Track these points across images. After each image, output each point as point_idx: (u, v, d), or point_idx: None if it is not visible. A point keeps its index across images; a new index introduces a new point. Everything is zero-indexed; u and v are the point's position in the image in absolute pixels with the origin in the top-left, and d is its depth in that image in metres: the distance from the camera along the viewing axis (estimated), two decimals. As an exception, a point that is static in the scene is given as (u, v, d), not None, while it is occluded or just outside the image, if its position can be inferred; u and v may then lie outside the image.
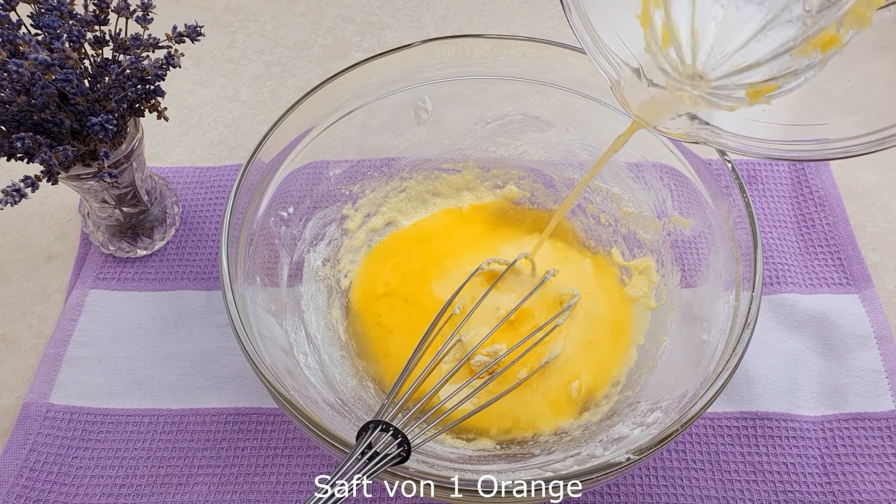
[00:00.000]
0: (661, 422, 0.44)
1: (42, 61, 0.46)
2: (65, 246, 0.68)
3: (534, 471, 0.46)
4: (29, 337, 0.62)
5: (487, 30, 0.85)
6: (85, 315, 0.62)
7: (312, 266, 0.59)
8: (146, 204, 0.63)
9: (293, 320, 0.54)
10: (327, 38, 0.86)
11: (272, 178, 0.53)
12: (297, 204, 0.57)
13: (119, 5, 0.53)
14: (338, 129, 0.57)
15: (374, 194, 0.64)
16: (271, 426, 0.56)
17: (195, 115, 0.78)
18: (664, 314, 0.56)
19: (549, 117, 0.61)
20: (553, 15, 0.87)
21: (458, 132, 0.64)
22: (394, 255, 0.63)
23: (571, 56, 0.56)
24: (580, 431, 0.51)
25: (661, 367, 0.52)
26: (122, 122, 0.55)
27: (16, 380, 0.59)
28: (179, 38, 0.53)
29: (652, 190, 0.58)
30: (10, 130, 0.50)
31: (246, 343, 0.42)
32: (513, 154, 0.65)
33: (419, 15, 0.88)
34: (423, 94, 0.59)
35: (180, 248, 0.66)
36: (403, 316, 0.59)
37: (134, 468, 0.54)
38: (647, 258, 0.60)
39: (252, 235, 0.51)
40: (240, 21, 0.88)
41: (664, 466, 0.54)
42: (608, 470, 0.38)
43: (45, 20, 0.49)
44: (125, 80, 0.52)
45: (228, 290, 0.44)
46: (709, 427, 0.55)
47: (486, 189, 0.67)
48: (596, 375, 0.56)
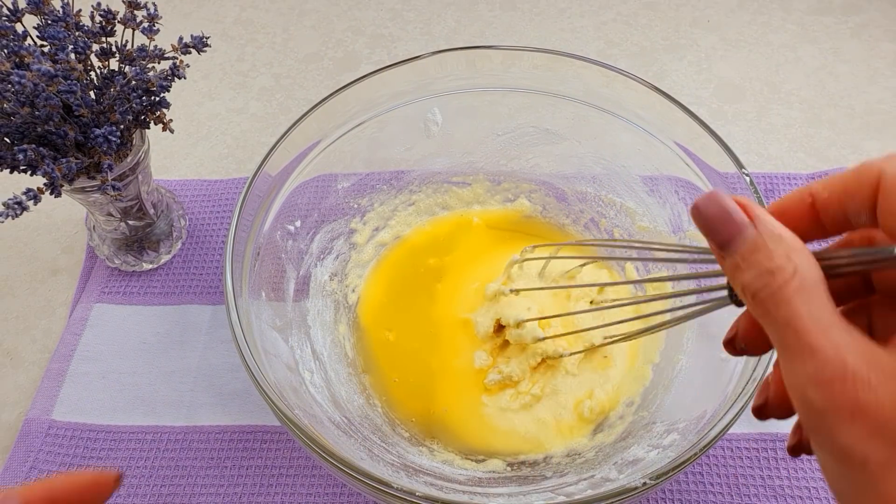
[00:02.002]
0: (679, 444, 0.43)
1: (45, 72, 0.46)
2: (71, 259, 0.67)
3: (546, 494, 0.44)
4: (32, 352, 0.61)
5: (498, 42, 0.84)
6: (89, 330, 0.61)
7: (319, 281, 0.58)
8: (152, 217, 0.63)
9: (299, 336, 0.53)
10: (337, 51, 0.85)
11: (279, 192, 0.52)
12: (305, 217, 0.56)
13: (126, 16, 0.53)
14: (346, 141, 0.57)
15: (383, 208, 0.63)
16: (276, 444, 0.54)
17: (204, 128, 0.78)
18: (680, 332, 0.54)
19: (560, 130, 0.60)
20: (565, 27, 0.86)
21: (468, 145, 0.63)
22: (402, 268, 0.62)
23: (583, 67, 0.55)
24: (594, 453, 0.49)
25: (678, 387, 0.51)
26: (127, 134, 0.54)
27: (18, 395, 0.59)
28: (185, 50, 0.53)
29: (667, 204, 0.56)
30: (13, 142, 0.50)
31: (249, 360, 0.41)
32: (524, 167, 0.64)
33: (429, 27, 0.87)
34: (433, 106, 0.58)
35: (186, 262, 0.65)
36: (412, 332, 0.58)
37: (136, 486, 0.53)
38: (663, 274, 0.58)
39: (258, 249, 0.50)
40: (249, 34, 0.88)
41: (680, 490, 0.52)
42: (623, 495, 0.37)
43: (51, 31, 0.49)
44: (130, 91, 0.52)
45: (232, 306, 0.43)
46: (727, 448, 0.53)
47: (496, 202, 0.66)
48: (609, 394, 0.54)
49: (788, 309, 0.23)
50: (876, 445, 0.20)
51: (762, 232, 0.24)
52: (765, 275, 0.23)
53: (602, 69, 0.54)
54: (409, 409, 0.55)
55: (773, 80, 0.80)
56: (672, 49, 0.82)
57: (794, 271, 0.23)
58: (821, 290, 0.23)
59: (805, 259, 0.24)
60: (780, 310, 0.23)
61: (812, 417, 0.22)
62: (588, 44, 0.84)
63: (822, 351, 0.22)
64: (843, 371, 0.21)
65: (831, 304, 0.23)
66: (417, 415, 0.54)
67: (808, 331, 0.22)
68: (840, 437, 0.21)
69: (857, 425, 0.21)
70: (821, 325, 0.22)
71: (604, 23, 0.87)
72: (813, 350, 0.22)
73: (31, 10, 0.50)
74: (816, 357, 0.22)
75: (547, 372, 0.55)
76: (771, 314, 0.23)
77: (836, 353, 0.21)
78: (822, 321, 0.22)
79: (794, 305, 0.23)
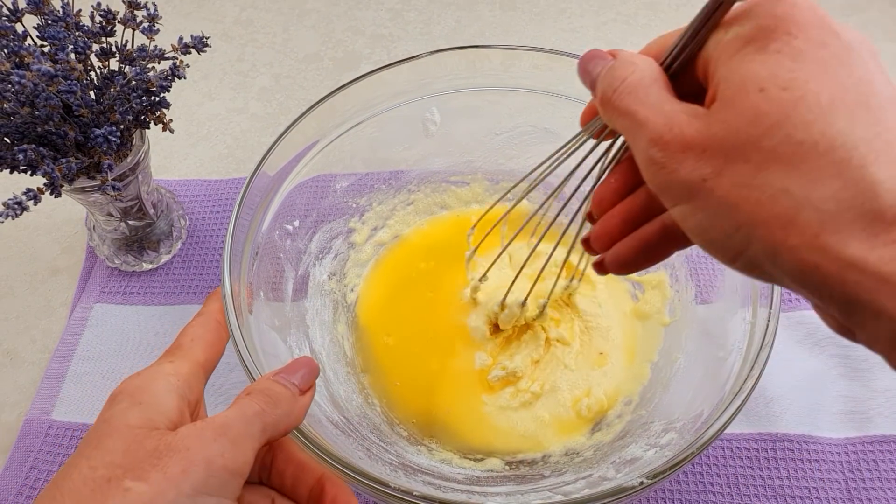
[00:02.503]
0: (676, 443, 0.43)
1: (45, 72, 0.46)
2: (71, 259, 0.67)
3: (544, 493, 0.44)
4: (32, 352, 0.61)
5: (498, 42, 0.84)
6: (89, 330, 0.61)
7: (318, 280, 0.58)
8: (152, 217, 0.63)
9: (298, 336, 0.53)
10: (337, 51, 0.85)
11: (277, 191, 0.52)
12: (303, 217, 0.56)
13: (126, 16, 0.53)
14: (345, 141, 0.57)
15: (382, 207, 0.63)
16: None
17: (204, 128, 0.78)
18: (678, 331, 0.54)
19: (559, 129, 0.60)
20: (565, 27, 0.86)
21: (467, 144, 0.63)
22: (401, 267, 0.62)
23: (583, 67, 0.54)
24: (592, 452, 0.49)
25: (676, 386, 0.51)
26: (127, 135, 0.55)
27: (18, 395, 0.59)
28: (185, 50, 0.53)
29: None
30: (13, 142, 0.50)
31: (247, 359, 0.41)
32: (523, 166, 0.64)
33: (429, 28, 0.87)
34: (432, 105, 0.58)
35: (186, 262, 0.65)
36: (412, 333, 0.58)
37: (135, 486, 0.53)
38: (661, 273, 0.58)
39: (256, 249, 0.50)
40: (249, 34, 0.88)
41: (680, 489, 0.52)
42: (620, 494, 0.37)
43: (51, 31, 0.49)
44: (130, 91, 0.52)
45: (230, 306, 0.43)
46: (727, 449, 0.53)
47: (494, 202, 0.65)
48: (608, 392, 0.54)
49: (628, 99, 0.28)
50: (704, 164, 0.25)
51: (618, 58, 0.30)
52: (612, 80, 0.29)
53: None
54: (409, 409, 0.55)
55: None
56: (672, 49, 0.82)
57: (633, 72, 0.28)
58: (657, 83, 0.28)
59: (643, 61, 0.29)
60: (623, 101, 0.28)
61: (658, 174, 0.27)
62: (588, 44, 0.84)
63: (653, 120, 0.27)
64: (670, 125, 0.26)
65: (664, 89, 0.28)
66: (417, 415, 0.54)
67: (640, 110, 0.27)
68: (681, 173, 0.26)
69: (688, 157, 0.25)
70: (652, 104, 0.27)
71: (604, 23, 0.87)
72: (647, 122, 0.27)
73: (31, 10, 0.50)
74: (648, 126, 0.27)
75: (546, 368, 0.55)
76: (617, 109, 0.28)
77: (665, 118, 0.26)
78: (654, 101, 0.27)
79: (633, 96, 0.28)
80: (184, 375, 0.35)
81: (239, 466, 0.31)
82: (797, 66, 0.24)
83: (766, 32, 0.25)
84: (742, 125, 0.24)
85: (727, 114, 0.25)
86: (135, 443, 0.30)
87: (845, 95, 0.23)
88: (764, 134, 0.24)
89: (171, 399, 0.33)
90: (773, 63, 0.24)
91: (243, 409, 0.33)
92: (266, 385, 0.35)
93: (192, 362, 0.37)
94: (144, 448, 0.30)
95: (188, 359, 0.37)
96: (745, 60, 0.25)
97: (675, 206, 0.27)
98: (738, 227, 0.25)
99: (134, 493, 0.28)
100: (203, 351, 0.38)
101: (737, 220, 0.24)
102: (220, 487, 0.30)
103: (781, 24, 0.25)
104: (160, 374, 0.35)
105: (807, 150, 0.23)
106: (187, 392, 0.35)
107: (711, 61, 0.27)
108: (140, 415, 0.31)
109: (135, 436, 0.30)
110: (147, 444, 0.30)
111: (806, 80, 0.24)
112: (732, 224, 0.25)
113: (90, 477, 0.29)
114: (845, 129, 0.23)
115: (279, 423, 0.33)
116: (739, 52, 0.25)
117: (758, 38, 0.25)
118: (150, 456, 0.29)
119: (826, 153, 0.23)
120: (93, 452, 0.30)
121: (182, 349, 0.38)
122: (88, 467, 0.29)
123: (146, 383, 0.34)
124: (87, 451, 0.30)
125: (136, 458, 0.29)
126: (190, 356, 0.37)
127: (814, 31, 0.25)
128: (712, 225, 0.26)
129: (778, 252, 0.24)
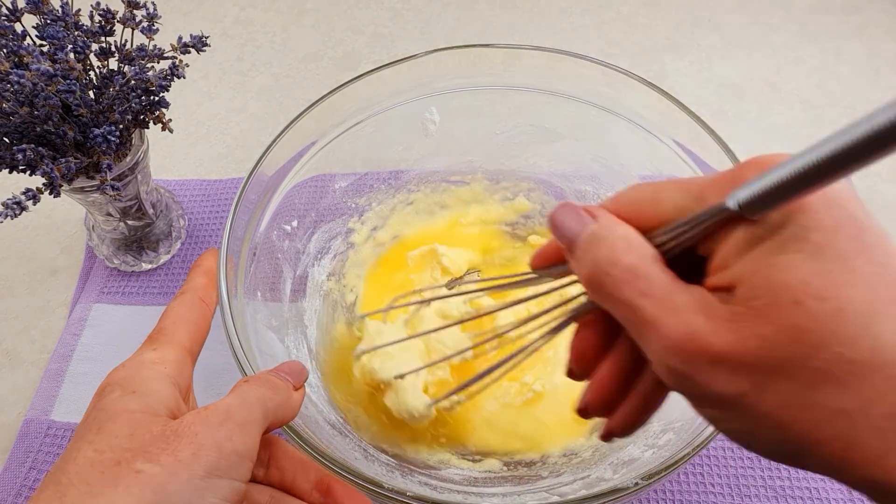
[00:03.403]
0: (674, 444, 0.43)
1: (44, 72, 0.46)
2: (70, 259, 0.67)
3: (540, 494, 0.44)
4: (32, 352, 0.61)
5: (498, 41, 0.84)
6: (88, 330, 0.61)
7: (317, 280, 0.58)
8: (151, 217, 0.63)
9: (295, 336, 0.53)
10: (337, 50, 0.85)
11: (275, 191, 0.52)
12: (302, 217, 0.56)
13: (125, 16, 0.53)
14: (344, 141, 0.56)
15: (381, 207, 0.63)
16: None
17: (203, 128, 0.78)
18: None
19: (560, 128, 0.60)
20: (565, 26, 0.86)
21: (467, 144, 0.63)
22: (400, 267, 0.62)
23: (583, 66, 0.54)
24: (590, 453, 0.49)
25: (676, 387, 0.50)
26: (126, 134, 0.54)
27: (17, 396, 0.59)
28: (185, 49, 0.53)
29: (666, 203, 0.56)
30: (12, 142, 0.50)
31: (242, 359, 0.41)
32: (523, 166, 0.64)
33: (430, 27, 0.87)
34: (431, 105, 0.58)
35: (186, 262, 0.65)
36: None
37: (134, 486, 0.53)
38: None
39: (254, 249, 0.50)
40: (249, 33, 0.88)
41: (681, 490, 0.52)
42: (615, 495, 0.37)
43: (50, 31, 0.49)
44: (129, 91, 0.52)
45: (226, 306, 0.43)
46: (727, 449, 0.53)
47: (495, 201, 0.65)
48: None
49: (628, 290, 0.24)
50: (742, 379, 0.22)
51: (602, 225, 0.26)
52: (601, 260, 0.25)
53: (602, 68, 0.54)
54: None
55: (774, 80, 0.79)
56: (673, 48, 0.82)
57: (626, 250, 0.25)
58: (655, 266, 0.25)
59: (633, 236, 0.25)
60: (622, 292, 0.24)
61: (681, 382, 0.24)
62: (588, 43, 0.84)
63: (664, 323, 0.23)
64: (690, 333, 0.23)
65: (666, 273, 0.25)
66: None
67: (646, 307, 0.24)
68: (712, 387, 0.23)
69: (720, 371, 0.23)
70: (659, 298, 0.24)
71: (604, 22, 0.87)
72: (656, 324, 0.23)
73: (30, 9, 0.50)
74: (661, 330, 0.23)
75: (547, 366, 0.55)
76: (613, 298, 0.25)
77: (681, 322, 0.23)
78: (660, 294, 0.24)
79: (633, 286, 0.24)
80: (172, 363, 0.35)
81: (248, 450, 0.30)
82: (824, 268, 0.22)
83: (777, 228, 0.23)
84: (783, 343, 0.22)
85: (762, 328, 0.22)
86: (140, 427, 0.29)
87: (881, 293, 0.22)
88: (809, 354, 0.22)
89: (165, 387, 0.33)
90: (799, 267, 0.22)
91: (244, 395, 0.32)
92: (264, 375, 0.35)
93: (178, 347, 0.36)
94: (151, 432, 0.29)
95: (173, 344, 0.36)
96: (766, 264, 0.23)
97: (704, 410, 0.25)
98: (789, 441, 0.23)
99: (146, 475, 0.27)
100: (188, 333, 0.38)
101: (787, 436, 0.23)
102: (230, 469, 0.29)
103: (790, 213, 0.23)
104: (147, 364, 0.34)
105: (859, 368, 0.21)
106: (179, 379, 0.34)
107: (718, 247, 0.24)
108: (138, 401, 0.31)
109: (138, 420, 0.30)
110: (153, 428, 0.29)
111: (838, 285, 0.22)
112: (782, 438, 0.23)
113: (97, 460, 0.28)
114: (893, 339, 0.22)
115: (279, 410, 0.33)
116: (756, 248, 0.23)
117: (771, 234, 0.23)
118: (158, 440, 0.29)
119: (879, 369, 0.21)
120: (95, 437, 0.29)
121: (165, 334, 0.37)
122: (94, 450, 0.28)
123: (134, 373, 0.33)
124: (88, 437, 0.29)
125: (144, 441, 0.29)
126: (175, 340, 0.37)
127: (823, 213, 0.23)
128: (755, 436, 0.24)
129: (840, 469, 0.22)
